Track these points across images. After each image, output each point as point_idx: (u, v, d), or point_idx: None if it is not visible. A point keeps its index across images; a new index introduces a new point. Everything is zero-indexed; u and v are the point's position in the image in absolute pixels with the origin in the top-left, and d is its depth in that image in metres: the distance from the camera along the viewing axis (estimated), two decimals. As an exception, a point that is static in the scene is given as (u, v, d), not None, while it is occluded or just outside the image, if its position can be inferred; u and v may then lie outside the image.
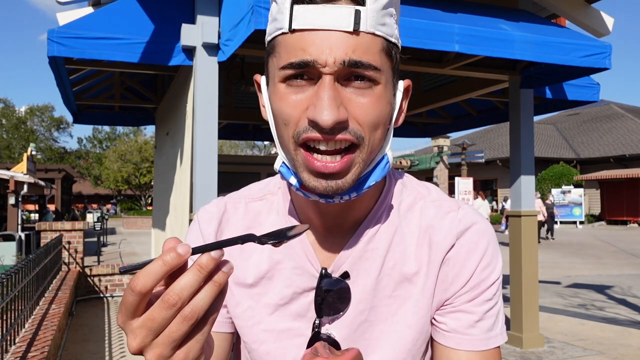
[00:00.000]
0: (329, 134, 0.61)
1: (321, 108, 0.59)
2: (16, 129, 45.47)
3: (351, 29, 0.60)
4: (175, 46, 3.71)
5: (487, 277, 0.75)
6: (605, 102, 33.72)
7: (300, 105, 0.62)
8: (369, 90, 0.63)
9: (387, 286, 0.74)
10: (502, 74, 4.91)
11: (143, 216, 27.79)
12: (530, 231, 4.90)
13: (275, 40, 0.65)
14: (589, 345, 5.02)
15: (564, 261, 12.02)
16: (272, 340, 0.75)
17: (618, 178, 23.57)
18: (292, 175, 0.69)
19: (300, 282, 0.74)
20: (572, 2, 4.55)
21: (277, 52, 0.64)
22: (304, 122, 0.62)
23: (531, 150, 4.98)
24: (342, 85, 0.62)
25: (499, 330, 0.75)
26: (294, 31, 0.61)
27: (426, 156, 26.11)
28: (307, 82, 0.62)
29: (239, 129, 8.66)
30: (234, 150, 49.31)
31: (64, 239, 7.32)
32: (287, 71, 0.62)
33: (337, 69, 0.60)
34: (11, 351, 3.19)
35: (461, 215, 0.76)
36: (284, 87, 0.63)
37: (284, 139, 0.65)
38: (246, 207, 0.81)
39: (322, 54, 0.60)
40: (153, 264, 0.47)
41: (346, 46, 0.60)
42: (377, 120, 0.64)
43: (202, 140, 3.65)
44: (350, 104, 0.62)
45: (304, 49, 0.61)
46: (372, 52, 0.62)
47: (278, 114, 0.65)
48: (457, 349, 0.73)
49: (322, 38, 0.60)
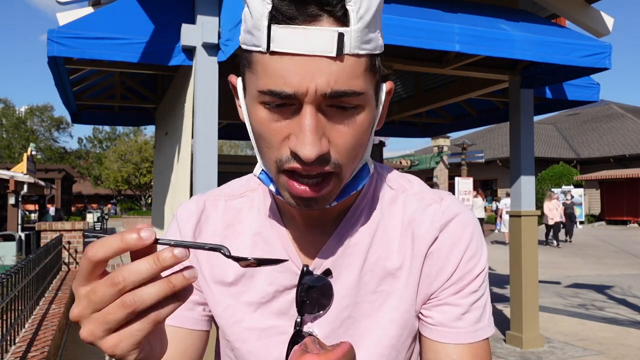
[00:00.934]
0: (309, 165, 0.60)
1: (303, 142, 0.58)
2: (16, 129, 45.48)
3: (334, 54, 0.56)
4: (175, 46, 3.71)
5: (472, 268, 0.73)
6: (605, 102, 33.72)
7: (281, 132, 0.60)
8: (351, 118, 0.61)
9: (370, 282, 0.73)
10: (502, 74, 4.91)
11: (143, 216, 27.78)
12: (530, 231, 4.90)
13: (251, 55, 0.61)
14: (589, 345, 5.02)
15: (564, 261, 12.02)
16: (255, 338, 0.74)
17: (618, 178, 23.56)
18: (271, 183, 0.68)
19: (282, 280, 0.73)
20: (572, 2, 4.55)
21: (255, 69, 0.60)
22: (286, 152, 0.61)
23: (531, 150, 4.98)
24: (323, 113, 0.59)
25: (486, 322, 0.74)
26: (272, 53, 0.57)
27: (426, 156, 26.10)
28: (287, 109, 0.60)
29: (239, 129, 8.66)
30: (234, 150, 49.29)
31: (64, 239, 7.32)
32: (266, 97, 0.59)
33: (319, 99, 0.58)
34: (11, 351, 3.19)
35: (444, 207, 0.75)
36: (263, 110, 0.61)
37: (266, 157, 0.64)
38: (226, 204, 0.80)
39: (303, 83, 0.57)
40: (111, 237, 0.47)
41: (328, 74, 0.57)
42: (357, 146, 0.63)
43: (202, 140, 3.65)
44: (332, 132, 0.60)
45: (284, 76, 0.57)
46: (355, 76, 0.58)
47: (258, 135, 0.63)
48: (444, 343, 0.72)
49: (303, 65, 0.56)
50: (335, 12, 0.56)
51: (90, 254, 0.47)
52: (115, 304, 0.47)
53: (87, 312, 0.48)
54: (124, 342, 0.48)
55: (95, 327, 0.47)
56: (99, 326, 0.47)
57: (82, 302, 0.48)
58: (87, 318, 0.48)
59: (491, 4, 4.33)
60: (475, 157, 22.97)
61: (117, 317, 0.47)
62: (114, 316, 0.47)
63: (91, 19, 3.67)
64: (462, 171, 22.16)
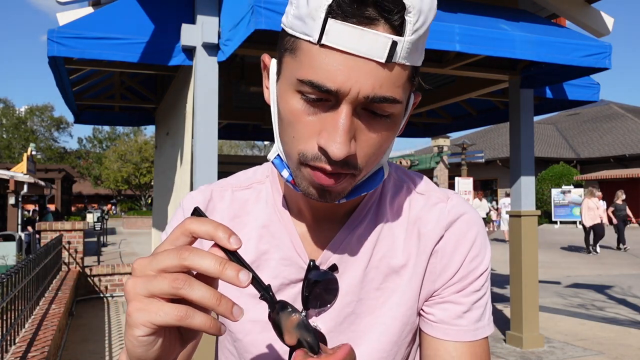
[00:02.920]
0: (335, 164, 0.60)
1: (334, 140, 0.58)
2: (16, 129, 45.48)
3: (384, 60, 0.56)
4: (175, 46, 3.71)
5: (476, 267, 0.74)
6: (605, 102, 33.72)
7: (313, 126, 0.60)
8: (382, 125, 0.61)
9: (374, 279, 0.74)
10: (502, 74, 4.91)
11: (143, 216, 27.81)
12: (531, 231, 4.90)
13: (297, 42, 0.60)
14: (589, 345, 5.02)
15: (564, 261, 12.02)
16: (258, 331, 0.75)
17: (618, 178, 23.57)
18: (285, 168, 0.68)
19: (288, 274, 0.74)
20: (572, 2, 4.55)
21: (299, 57, 0.59)
22: (313, 147, 0.60)
23: (531, 150, 4.98)
24: (358, 115, 0.60)
25: (486, 321, 0.75)
26: (322, 45, 0.57)
27: (426, 156, 26.10)
28: (324, 104, 0.59)
29: (239, 129, 8.66)
30: (234, 150, 49.32)
31: (64, 239, 7.32)
32: (305, 87, 0.59)
33: (360, 101, 0.58)
34: (11, 351, 3.19)
35: (450, 206, 0.75)
36: (299, 100, 0.60)
37: (289, 146, 0.64)
38: (233, 195, 0.80)
39: (348, 82, 0.56)
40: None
41: (374, 79, 0.57)
42: (379, 152, 0.64)
43: (202, 140, 3.65)
44: (361, 135, 0.61)
45: (330, 71, 0.57)
46: (398, 85, 0.59)
47: (288, 124, 0.63)
48: (444, 340, 0.73)
49: (351, 65, 0.56)
50: (393, 20, 0.56)
51: (192, 226, 0.50)
52: (167, 275, 0.48)
53: (145, 265, 0.49)
54: (145, 312, 0.48)
55: (140, 283, 0.49)
56: (143, 284, 0.48)
57: (150, 257, 0.50)
58: (141, 271, 0.49)
59: (491, 4, 4.33)
60: (475, 157, 22.99)
61: (161, 287, 0.48)
62: (159, 285, 0.48)
63: (91, 19, 3.67)
64: (462, 171, 22.18)
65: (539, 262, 5.16)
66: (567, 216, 23.71)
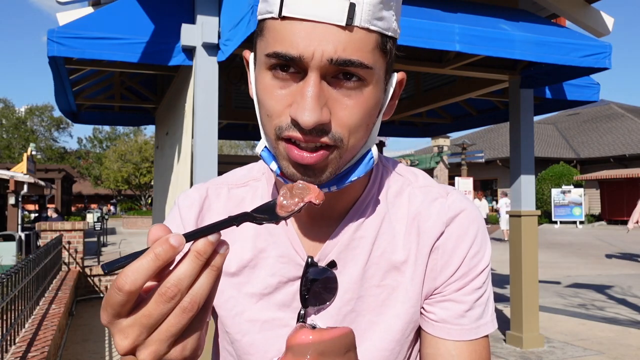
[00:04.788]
0: (309, 134, 0.59)
1: (303, 108, 0.57)
2: (16, 129, 45.48)
3: (343, 23, 0.56)
4: (175, 46, 3.71)
5: (477, 264, 0.73)
6: (605, 102, 33.71)
7: (283, 100, 0.60)
8: (357, 92, 0.60)
9: (374, 275, 0.72)
10: (502, 74, 4.91)
11: (143, 216, 27.82)
12: (531, 231, 4.90)
13: (264, 22, 0.62)
14: (589, 345, 5.02)
15: (564, 261, 12.01)
16: (256, 330, 0.73)
17: (618, 178, 23.56)
18: (272, 160, 0.67)
19: (286, 271, 0.72)
20: (572, 2, 4.55)
21: (265, 36, 0.61)
22: (287, 119, 0.60)
23: (531, 150, 4.98)
24: (329, 84, 0.59)
25: (489, 317, 0.74)
26: (283, 18, 0.58)
27: (426, 156, 26.10)
28: (292, 76, 0.60)
29: (239, 129, 8.66)
30: (234, 150, 49.33)
31: (64, 239, 7.32)
32: (272, 60, 0.59)
33: (324, 64, 0.57)
34: (11, 351, 3.19)
35: (450, 202, 0.74)
36: (270, 77, 0.61)
37: (266, 128, 0.64)
38: (229, 193, 0.79)
39: (310, 47, 0.57)
40: (143, 259, 0.43)
41: (336, 42, 0.57)
42: (360, 122, 0.62)
43: (202, 140, 3.65)
44: (336, 104, 0.60)
45: (291, 39, 0.57)
46: (364, 50, 0.58)
47: (262, 104, 0.63)
48: (445, 339, 0.72)
49: (311, 30, 0.57)
50: None
51: (129, 285, 0.43)
52: (174, 315, 0.45)
53: (142, 338, 0.46)
54: (190, 343, 0.47)
55: (158, 346, 0.46)
56: (163, 343, 0.46)
57: (131, 332, 0.45)
58: (144, 343, 0.46)
59: (491, 4, 4.33)
60: (475, 157, 23.00)
61: (181, 326, 0.45)
62: (178, 326, 0.45)
63: (91, 19, 3.67)
64: (462, 171, 22.19)
65: (539, 262, 5.16)
66: (567, 216, 23.73)
